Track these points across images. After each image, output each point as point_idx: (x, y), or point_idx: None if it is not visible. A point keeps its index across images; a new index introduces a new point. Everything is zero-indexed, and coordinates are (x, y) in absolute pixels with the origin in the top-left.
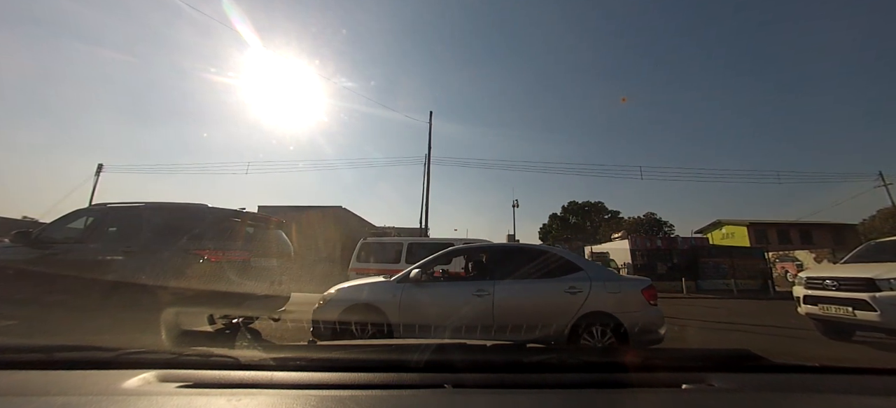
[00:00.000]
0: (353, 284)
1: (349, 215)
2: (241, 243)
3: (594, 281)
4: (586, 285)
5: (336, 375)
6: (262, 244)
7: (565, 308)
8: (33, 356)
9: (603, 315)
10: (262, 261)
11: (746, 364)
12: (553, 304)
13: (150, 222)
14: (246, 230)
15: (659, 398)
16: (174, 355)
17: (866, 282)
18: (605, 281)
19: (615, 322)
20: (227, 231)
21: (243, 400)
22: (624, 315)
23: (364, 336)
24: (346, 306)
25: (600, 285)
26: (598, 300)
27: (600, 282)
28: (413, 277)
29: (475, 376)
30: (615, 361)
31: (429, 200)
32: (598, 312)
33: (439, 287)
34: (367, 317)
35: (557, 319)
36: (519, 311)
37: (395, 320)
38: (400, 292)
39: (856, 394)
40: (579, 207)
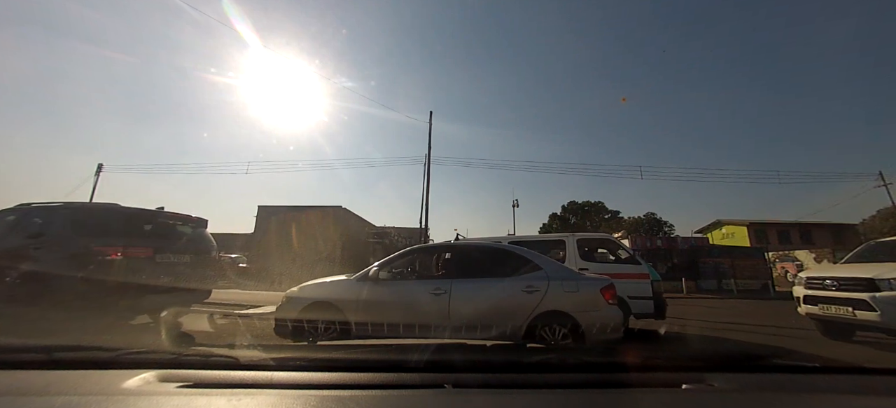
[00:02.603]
0: (315, 282)
1: (349, 215)
2: (146, 240)
3: (552, 280)
4: (544, 284)
5: (336, 375)
6: (172, 241)
7: (521, 307)
8: (33, 356)
9: (560, 314)
10: (170, 257)
11: (746, 364)
12: (509, 303)
13: (61, 221)
14: (157, 228)
15: (659, 398)
16: (174, 355)
17: (866, 282)
18: (564, 280)
19: (572, 322)
20: (134, 229)
21: (243, 400)
22: (581, 315)
23: (323, 334)
24: (305, 305)
25: (558, 284)
26: (555, 299)
27: (558, 281)
28: (371, 275)
29: (475, 376)
30: (615, 361)
31: (429, 200)
32: (555, 311)
33: (397, 286)
34: (325, 315)
35: (513, 318)
36: (474, 310)
37: (352, 317)
38: (358, 290)
39: (856, 394)
40: (579, 206)
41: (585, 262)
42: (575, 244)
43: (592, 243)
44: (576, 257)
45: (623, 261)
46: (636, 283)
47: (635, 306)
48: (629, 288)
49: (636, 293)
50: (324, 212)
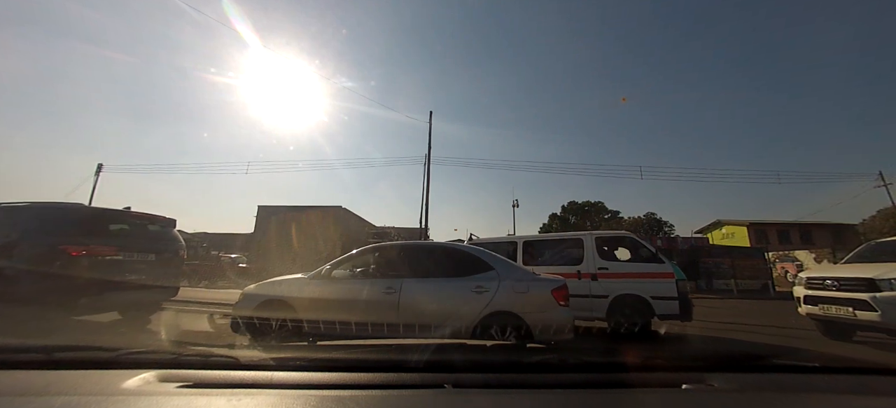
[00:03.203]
0: (272, 280)
1: (349, 215)
2: (110, 239)
3: (502, 280)
4: (494, 285)
5: (336, 375)
6: (136, 240)
7: (470, 307)
8: (33, 356)
9: (508, 315)
10: (133, 255)
11: (746, 364)
12: (458, 303)
13: (27, 220)
14: (122, 228)
15: (659, 398)
16: (174, 355)
17: (867, 282)
18: (515, 280)
19: (520, 322)
20: (98, 229)
21: (243, 400)
22: (529, 315)
23: (277, 331)
24: (259, 302)
25: (508, 285)
26: (504, 300)
27: (509, 281)
28: (324, 273)
29: (475, 376)
30: (615, 361)
31: (429, 200)
32: (504, 311)
33: (350, 284)
34: (278, 312)
35: (462, 317)
36: (423, 309)
37: (304, 315)
38: (311, 288)
39: (856, 394)
40: (579, 206)
41: (605, 261)
42: (593, 243)
43: (612, 241)
44: (594, 256)
45: (645, 259)
46: (660, 282)
47: (659, 306)
48: (652, 288)
49: (660, 293)
50: (324, 212)
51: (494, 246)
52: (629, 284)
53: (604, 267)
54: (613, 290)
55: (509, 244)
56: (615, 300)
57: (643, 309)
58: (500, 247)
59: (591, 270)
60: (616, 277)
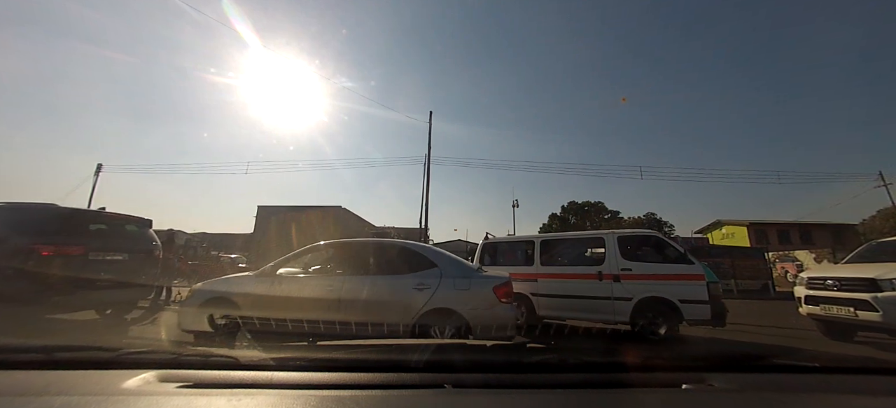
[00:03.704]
0: (219, 279)
1: (349, 215)
2: (80, 239)
3: (444, 278)
4: (435, 282)
5: (336, 375)
6: (108, 240)
7: (410, 304)
8: (33, 356)
9: (448, 312)
10: (104, 255)
11: (746, 364)
12: (398, 300)
13: (0, 220)
14: (94, 228)
15: (659, 398)
16: (174, 355)
17: (868, 282)
18: (456, 278)
19: (461, 320)
20: (69, 228)
21: (243, 400)
22: (469, 313)
23: (222, 329)
24: (205, 299)
25: (450, 282)
26: (444, 297)
27: (451, 279)
28: (269, 271)
29: (475, 376)
30: (615, 361)
31: (429, 200)
32: (444, 309)
33: (294, 282)
34: (222, 310)
35: (402, 315)
36: (364, 306)
37: (248, 313)
38: (255, 286)
39: (856, 394)
40: (579, 206)
41: (628, 261)
42: (616, 242)
43: (636, 241)
44: (617, 256)
45: (672, 260)
46: (689, 284)
47: (688, 310)
48: (680, 290)
49: (689, 296)
50: (323, 212)
51: (511, 245)
52: (655, 287)
53: (627, 268)
54: (638, 292)
55: (526, 243)
56: (640, 304)
57: (670, 313)
58: (517, 246)
59: (613, 271)
60: (640, 279)
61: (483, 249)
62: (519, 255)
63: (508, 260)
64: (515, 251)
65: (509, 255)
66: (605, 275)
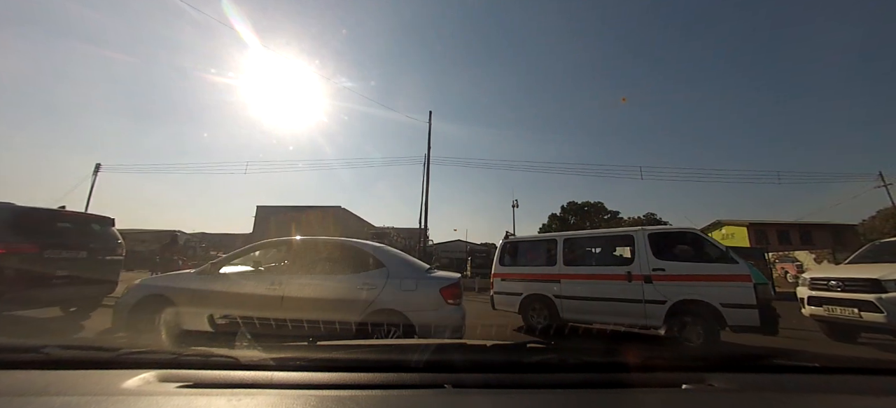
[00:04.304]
0: (158, 276)
1: (348, 215)
2: (34, 237)
3: (391, 279)
4: (381, 282)
5: (336, 375)
6: (65, 239)
7: (354, 305)
8: (33, 356)
9: (392, 313)
10: (61, 253)
11: (746, 364)
12: (342, 300)
13: None
14: (50, 226)
15: (659, 398)
16: (174, 355)
17: (872, 283)
18: (403, 278)
19: (406, 321)
20: (23, 227)
21: (243, 400)
22: (415, 314)
23: (157, 327)
24: (142, 296)
25: (396, 283)
26: (389, 298)
27: (398, 280)
28: (210, 269)
29: (475, 376)
30: (615, 361)
31: (428, 200)
32: (390, 310)
33: (235, 280)
34: (159, 307)
35: (346, 315)
36: (307, 305)
37: (186, 311)
38: (194, 284)
39: (856, 394)
40: (579, 207)
41: (661, 260)
42: (646, 240)
43: (670, 238)
44: (647, 256)
45: (712, 259)
46: (732, 286)
47: (732, 316)
48: (722, 293)
49: (732, 300)
50: (323, 212)
51: (532, 244)
52: (692, 289)
53: (659, 268)
54: (672, 294)
55: (548, 242)
56: (675, 307)
57: (711, 318)
58: (539, 245)
59: (643, 272)
60: (675, 280)
61: (503, 248)
62: (540, 254)
63: (529, 260)
64: (537, 251)
65: (530, 254)
66: (635, 276)
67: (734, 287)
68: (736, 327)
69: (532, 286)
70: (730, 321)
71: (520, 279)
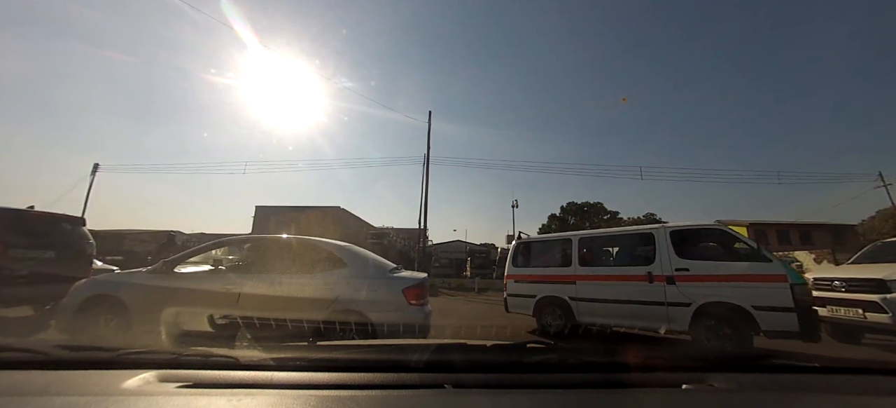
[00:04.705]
0: (107, 274)
1: (347, 215)
2: (2, 237)
3: (353, 278)
4: (342, 282)
5: (336, 375)
6: (32, 238)
7: (314, 305)
8: (33, 356)
9: (354, 313)
10: (28, 252)
11: (746, 364)
12: (301, 299)
13: None
14: (13, 226)
15: (659, 398)
16: (174, 355)
17: (876, 283)
18: (365, 278)
19: (367, 322)
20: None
21: (243, 400)
22: (376, 314)
23: (103, 327)
24: (87, 296)
25: (358, 283)
26: (350, 298)
27: (359, 279)
28: (162, 268)
29: (475, 376)
30: (615, 361)
31: (428, 200)
32: (349, 310)
33: (189, 279)
34: (104, 307)
35: (304, 315)
36: (264, 305)
37: (137, 312)
38: (145, 282)
39: (856, 394)
40: (578, 207)
41: (685, 259)
42: (667, 238)
43: (694, 235)
44: (670, 254)
45: (742, 257)
46: (765, 287)
47: (766, 320)
48: (755, 294)
49: (766, 302)
50: (322, 212)
51: (545, 244)
52: (720, 290)
53: (683, 268)
54: (697, 296)
55: (563, 242)
56: (701, 310)
57: (741, 322)
58: (553, 245)
59: (665, 272)
60: (701, 281)
61: (516, 249)
62: (555, 255)
63: (544, 261)
64: (551, 251)
65: (544, 255)
66: (656, 276)
67: (768, 288)
68: (771, 333)
69: (546, 288)
70: (764, 326)
71: (534, 281)
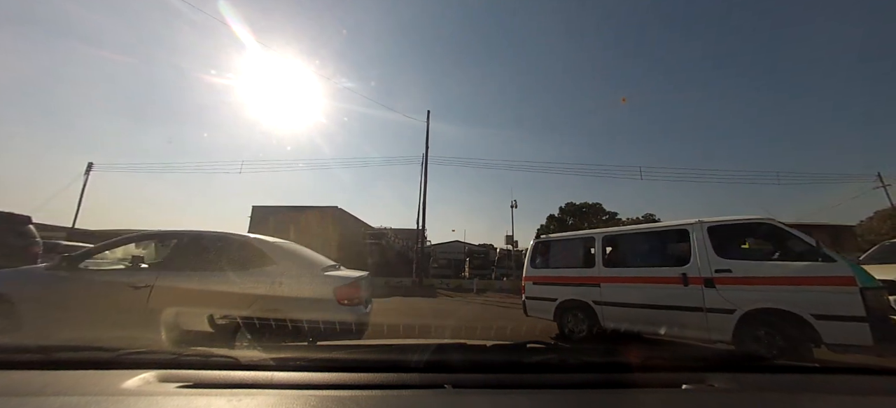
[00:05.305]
0: (3, 271)
1: (345, 216)
2: None
3: (278, 277)
4: (267, 281)
5: (336, 375)
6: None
7: (233, 307)
8: (33, 356)
9: (278, 314)
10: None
11: (746, 364)
12: (219, 301)
13: None
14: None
15: (659, 398)
16: (174, 355)
17: (889, 285)
18: (293, 278)
19: (293, 322)
20: None
21: (243, 400)
22: (304, 314)
23: None
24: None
25: (285, 282)
26: (275, 299)
27: (286, 278)
28: (64, 265)
29: (475, 376)
30: (615, 361)
31: (426, 200)
32: (273, 310)
33: (93, 276)
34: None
35: (220, 315)
36: (177, 307)
37: (29, 314)
38: (41, 280)
39: (856, 394)
40: (577, 207)
41: (726, 259)
42: (705, 234)
43: (737, 231)
44: (708, 253)
45: (797, 256)
46: (828, 292)
47: (829, 331)
48: (815, 301)
49: (829, 310)
50: (320, 212)
51: (566, 243)
52: (771, 294)
53: (724, 269)
54: (743, 302)
55: (585, 241)
56: (747, 318)
57: (798, 333)
58: (574, 245)
59: (703, 274)
60: (746, 283)
61: (534, 249)
62: (577, 255)
63: (564, 261)
64: (572, 250)
65: (565, 255)
66: (692, 278)
67: (832, 293)
68: (836, 346)
69: (568, 291)
70: (827, 338)
71: (554, 283)
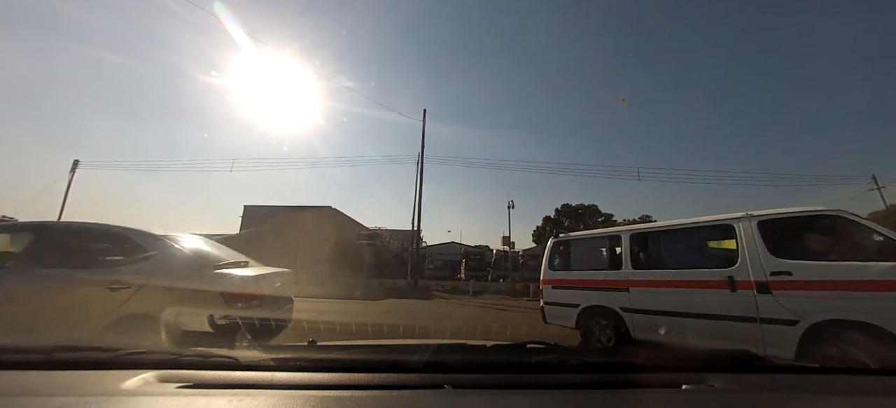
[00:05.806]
0: None
1: (340, 216)
2: None
3: (154, 275)
4: (140, 280)
5: (336, 375)
6: None
7: (97, 309)
8: (33, 356)
9: (149, 320)
10: None
11: (746, 364)
12: (80, 302)
13: None
14: None
15: (659, 398)
16: (174, 355)
17: None
18: (173, 277)
19: (166, 330)
20: None
21: (243, 400)
22: (183, 320)
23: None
24: None
25: (162, 281)
26: (149, 301)
27: (164, 277)
28: None
29: (475, 376)
30: (615, 361)
31: (421, 200)
32: (144, 315)
33: None
34: None
35: (86, 321)
36: (27, 310)
37: None
38: None
39: (856, 394)
40: (573, 209)
41: (784, 260)
42: (755, 231)
43: (796, 225)
44: (760, 253)
45: (878, 256)
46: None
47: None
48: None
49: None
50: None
51: (588, 242)
52: (845, 303)
53: (783, 271)
54: (809, 311)
55: (611, 239)
56: (815, 331)
57: (886, 351)
58: (598, 243)
59: (756, 277)
60: (813, 289)
61: (553, 248)
62: (601, 255)
63: (587, 262)
64: (596, 250)
65: (588, 255)
66: (741, 283)
67: None
68: None
69: (591, 296)
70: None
71: (575, 287)
